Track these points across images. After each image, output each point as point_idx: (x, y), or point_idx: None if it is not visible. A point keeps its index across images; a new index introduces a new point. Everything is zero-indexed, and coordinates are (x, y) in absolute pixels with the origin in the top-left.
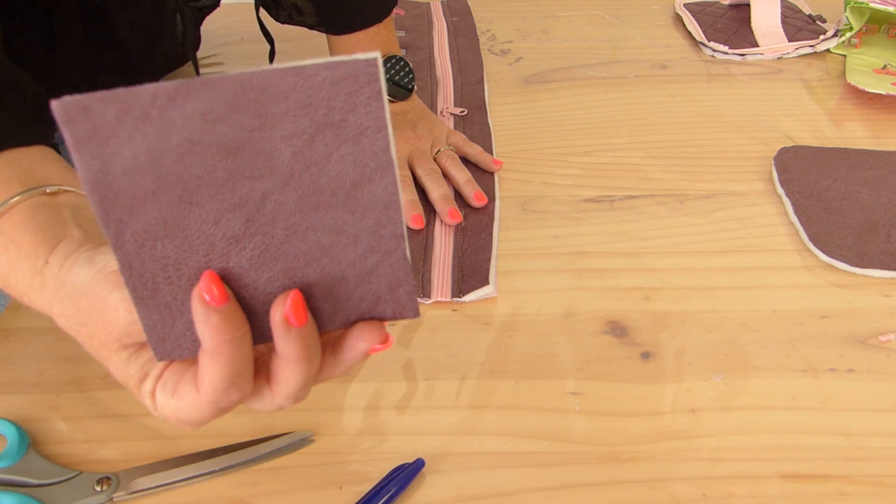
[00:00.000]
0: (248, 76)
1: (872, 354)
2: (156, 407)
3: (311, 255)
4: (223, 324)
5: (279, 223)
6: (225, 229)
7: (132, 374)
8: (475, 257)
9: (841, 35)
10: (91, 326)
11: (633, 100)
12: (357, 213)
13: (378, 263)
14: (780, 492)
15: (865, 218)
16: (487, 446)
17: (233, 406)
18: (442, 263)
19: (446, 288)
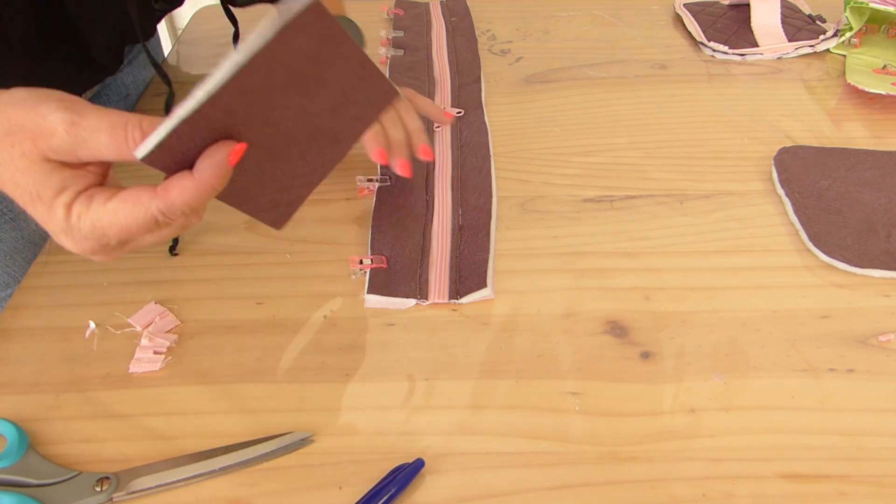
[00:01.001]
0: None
1: (872, 354)
2: (69, 216)
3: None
4: (224, 175)
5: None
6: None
7: (51, 185)
8: (472, 258)
9: (841, 35)
10: (18, 136)
11: (633, 100)
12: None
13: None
14: (780, 492)
15: (865, 218)
16: (487, 446)
17: (157, 226)
18: (440, 264)
19: (444, 289)
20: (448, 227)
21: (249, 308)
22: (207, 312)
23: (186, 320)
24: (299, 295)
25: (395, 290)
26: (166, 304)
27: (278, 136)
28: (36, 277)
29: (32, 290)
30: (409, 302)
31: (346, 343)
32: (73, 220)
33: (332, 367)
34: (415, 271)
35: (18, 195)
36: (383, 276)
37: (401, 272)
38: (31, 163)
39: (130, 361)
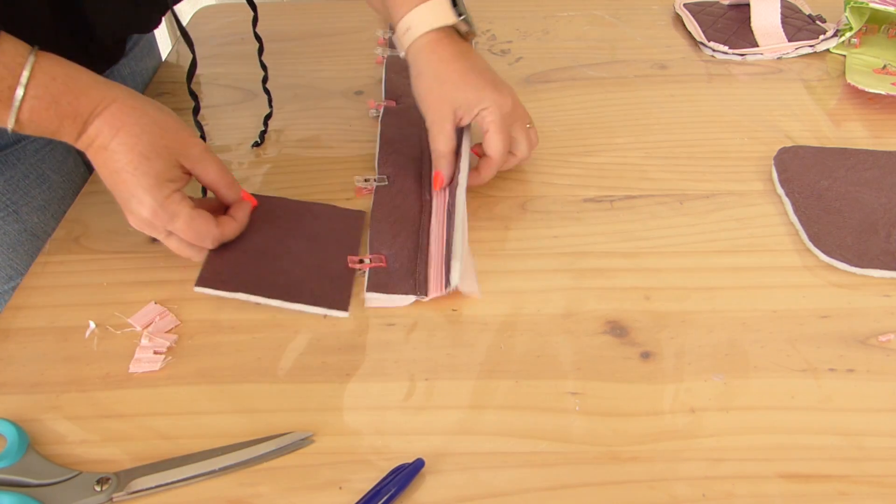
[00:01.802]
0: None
1: (872, 354)
2: (170, 195)
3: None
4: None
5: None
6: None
7: (170, 172)
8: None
9: (841, 35)
10: (169, 133)
11: (633, 100)
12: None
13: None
14: (780, 492)
15: (865, 218)
16: (487, 446)
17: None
18: (438, 260)
19: (441, 283)
20: (444, 227)
21: (249, 308)
22: (207, 312)
23: (186, 320)
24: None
25: (395, 287)
26: (166, 304)
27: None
28: (36, 277)
29: (32, 290)
30: (409, 299)
31: (346, 343)
32: (168, 200)
33: (332, 367)
34: (413, 268)
35: (138, 165)
36: (382, 274)
37: (399, 270)
38: (169, 153)
39: (130, 361)
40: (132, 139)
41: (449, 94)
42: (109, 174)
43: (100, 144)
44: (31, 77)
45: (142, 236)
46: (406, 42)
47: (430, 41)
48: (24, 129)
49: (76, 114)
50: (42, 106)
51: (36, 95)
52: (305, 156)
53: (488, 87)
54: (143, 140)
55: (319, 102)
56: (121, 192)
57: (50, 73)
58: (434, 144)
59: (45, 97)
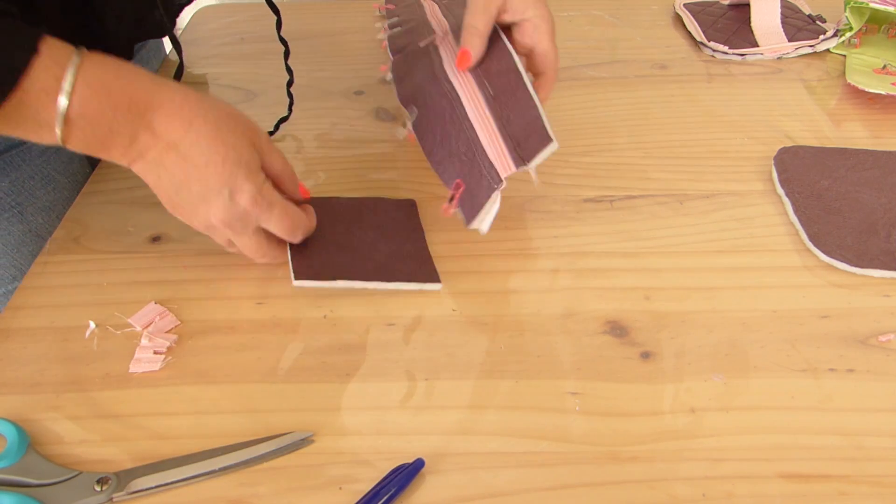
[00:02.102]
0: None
1: (872, 354)
2: (264, 183)
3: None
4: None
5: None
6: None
7: (255, 160)
8: (522, 120)
9: (841, 35)
10: (241, 122)
11: (633, 100)
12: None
13: None
14: (780, 492)
15: (865, 218)
16: (487, 446)
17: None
18: (494, 143)
19: (508, 162)
20: (482, 105)
21: (249, 308)
22: (207, 312)
23: (186, 320)
24: (299, 295)
25: (479, 198)
26: (166, 304)
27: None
28: (36, 277)
29: (32, 290)
30: (496, 197)
31: (346, 343)
32: (265, 187)
33: (332, 367)
34: (480, 167)
35: (227, 154)
36: (465, 197)
37: (471, 180)
38: (247, 141)
39: (130, 361)
40: (212, 128)
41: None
42: (185, 173)
43: (168, 142)
44: (80, 65)
45: (142, 236)
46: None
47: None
48: (72, 134)
49: (131, 103)
50: (92, 94)
51: (87, 83)
52: (312, 156)
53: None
54: (223, 128)
55: (320, 103)
56: (211, 186)
57: (99, 62)
58: (473, 19)
59: (96, 84)
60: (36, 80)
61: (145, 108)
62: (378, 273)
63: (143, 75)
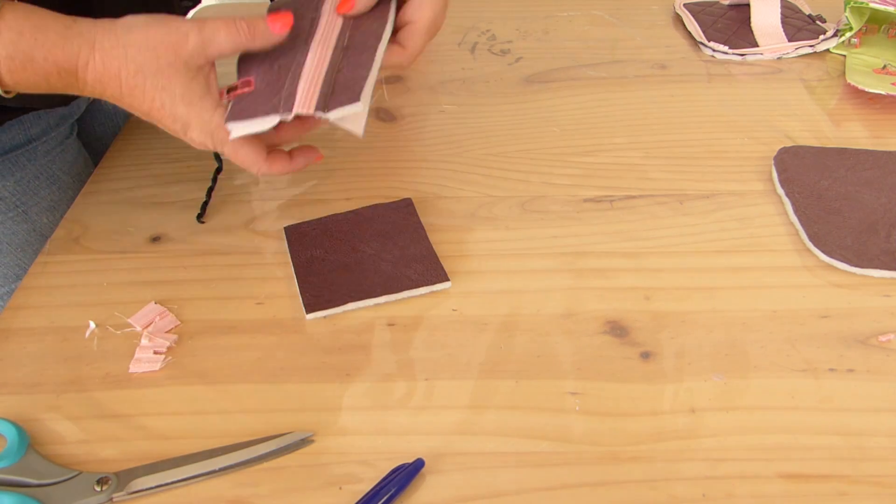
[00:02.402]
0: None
1: (872, 354)
2: (213, 114)
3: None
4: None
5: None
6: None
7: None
8: (351, 74)
9: (841, 35)
10: (160, 49)
11: (633, 100)
12: None
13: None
14: (780, 492)
15: (865, 218)
16: (487, 446)
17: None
18: (313, 76)
19: (311, 100)
20: (329, 44)
21: (249, 308)
22: (207, 312)
23: (186, 320)
24: (299, 295)
25: (256, 109)
26: (166, 304)
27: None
28: (36, 277)
29: (32, 290)
30: (272, 120)
31: (346, 343)
32: (213, 126)
33: (332, 367)
34: (280, 84)
35: (163, 99)
36: (247, 99)
37: (265, 89)
38: (175, 71)
39: (130, 361)
40: (136, 79)
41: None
42: (145, 114)
43: (113, 94)
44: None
45: (142, 236)
46: None
47: None
48: (18, 89)
49: (59, 69)
50: (18, 66)
51: (8, 55)
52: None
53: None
54: (147, 73)
55: None
56: (167, 127)
57: (16, 29)
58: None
59: (18, 56)
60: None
61: (74, 70)
62: (387, 285)
63: (61, 33)
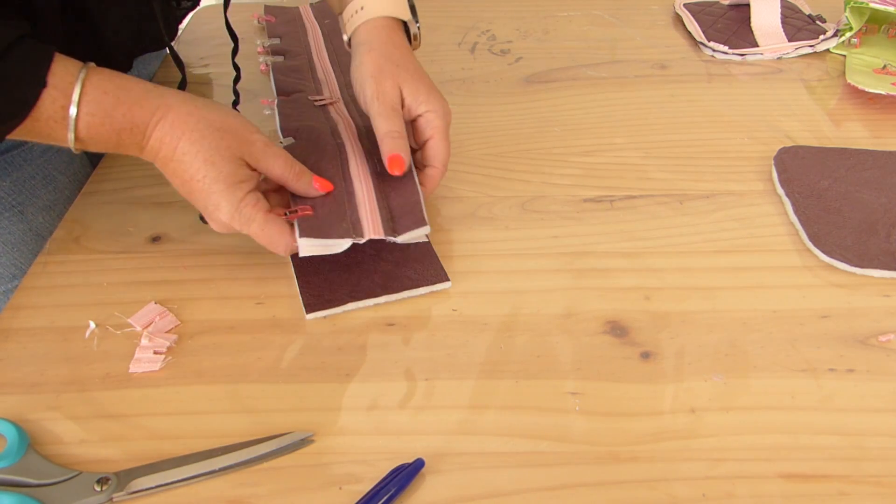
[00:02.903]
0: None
1: (872, 354)
2: (243, 199)
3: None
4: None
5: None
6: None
7: (238, 174)
8: (403, 199)
9: (841, 35)
10: (230, 134)
11: (633, 100)
12: None
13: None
14: (780, 492)
15: (865, 218)
16: (487, 446)
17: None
18: (367, 203)
19: (377, 226)
20: (367, 171)
21: (249, 308)
22: (207, 312)
23: (186, 320)
24: (299, 295)
25: (328, 231)
26: (166, 304)
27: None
28: (36, 277)
29: (32, 290)
30: (345, 243)
31: (346, 343)
32: (243, 203)
33: (332, 367)
34: (343, 211)
35: (206, 172)
36: (312, 220)
37: (329, 215)
38: (230, 156)
39: (130, 361)
40: (194, 146)
41: (403, 77)
42: (182, 183)
43: (165, 156)
44: (83, 94)
45: (142, 236)
46: (356, 21)
47: (385, 25)
48: (87, 147)
49: (133, 126)
50: (97, 122)
51: (89, 112)
52: None
53: (437, 90)
54: (205, 145)
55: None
56: (197, 200)
57: (101, 88)
58: (385, 124)
59: (99, 113)
60: (44, 110)
61: (144, 128)
62: (387, 285)
63: (142, 94)
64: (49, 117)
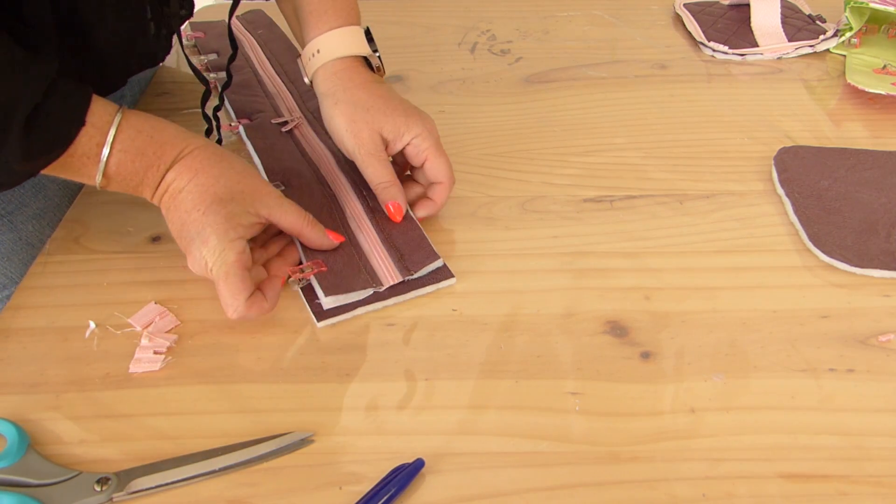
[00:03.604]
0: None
1: (872, 354)
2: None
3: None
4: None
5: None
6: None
7: (251, 224)
8: (406, 236)
9: (841, 35)
10: (242, 196)
11: (633, 100)
12: None
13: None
14: (780, 492)
15: (865, 218)
16: (487, 446)
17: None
18: (375, 251)
19: (392, 271)
20: (362, 212)
21: None
22: (207, 312)
23: (186, 320)
24: (299, 295)
25: (350, 285)
26: (166, 304)
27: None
28: (36, 277)
29: (32, 290)
30: (367, 292)
31: (346, 343)
32: (230, 246)
33: (332, 367)
34: (356, 262)
35: (208, 206)
36: (329, 276)
37: (345, 268)
38: (240, 200)
39: (130, 361)
40: (210, 180)
41: (377, 120)
42: (178, 218)
43: (175, 188)
44: (118, 132)
45: (142, 236)
46: (314, 65)
47: (344, 67)
48: (110, 185)
49: (160, 162)
50: (128, 158)
51: (123, 149)
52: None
53: (413, 112)
54: (221, 182)
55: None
56: (188, 233)
57: (136, 128)
58: (374, 176)
59: (132, 150)
60: (80, 146)
61: (171, 162)
62: (393, 288)
63: (175, 134)
64: (83, 153)
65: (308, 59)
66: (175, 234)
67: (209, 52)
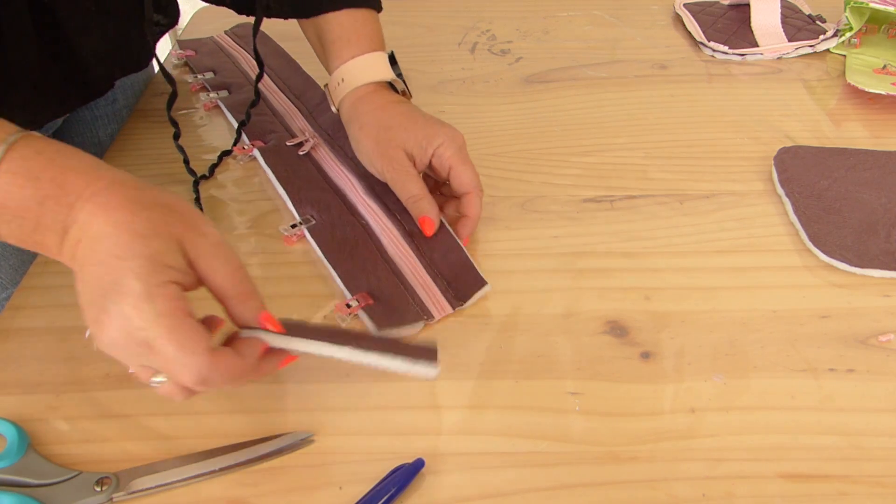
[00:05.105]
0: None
1: (872, 354)
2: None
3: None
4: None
5: None
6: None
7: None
8: (450, 261)
9: (841, 35)
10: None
11: (633, 100)
12: None
13: None
14: (780, 492)
15: (865, 218)
16: (487, 446)
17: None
18: (421, 282)
19: (441, 302)
20: (400, 240)
21: None
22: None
23: None
24: (299, 295)
25: (401, 318)
26: None
27: None
28: (36, 277)
29: (32, 290)
30: (419, 325)
31: None
32: (160, 290)
33: (332, 367)
34: (404, 294)
35: (130, 246)
36: (379, 310)
37: (391, 300)
38: (171, 235)
39: None
40: (127, 216)
41: (398, 137)
42: (94, 268)
43: (94, 235)
44: (9, 150)
45: None
46: (340, 94)
47: (367, 92)
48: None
49: (62, 193)
50: (17, 183)
51: (10, 170)
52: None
53: (435, 123)
54: (142, 217)
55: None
56: (100, 287)
57: (34, 148)
58: (403, 191)
59: (22, 172)
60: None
61: (76, 199)
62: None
63: (83, 160)
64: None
65: (334, 89)
66: (85, 300)
67: (204, 71)
